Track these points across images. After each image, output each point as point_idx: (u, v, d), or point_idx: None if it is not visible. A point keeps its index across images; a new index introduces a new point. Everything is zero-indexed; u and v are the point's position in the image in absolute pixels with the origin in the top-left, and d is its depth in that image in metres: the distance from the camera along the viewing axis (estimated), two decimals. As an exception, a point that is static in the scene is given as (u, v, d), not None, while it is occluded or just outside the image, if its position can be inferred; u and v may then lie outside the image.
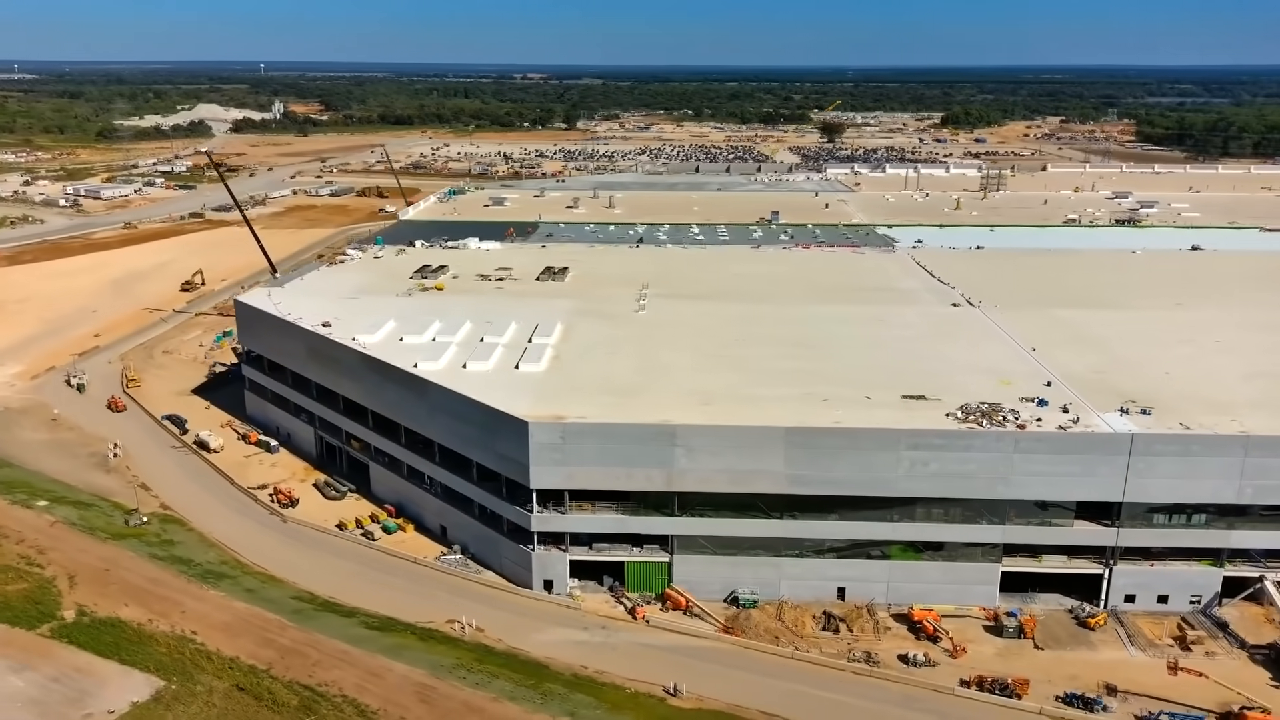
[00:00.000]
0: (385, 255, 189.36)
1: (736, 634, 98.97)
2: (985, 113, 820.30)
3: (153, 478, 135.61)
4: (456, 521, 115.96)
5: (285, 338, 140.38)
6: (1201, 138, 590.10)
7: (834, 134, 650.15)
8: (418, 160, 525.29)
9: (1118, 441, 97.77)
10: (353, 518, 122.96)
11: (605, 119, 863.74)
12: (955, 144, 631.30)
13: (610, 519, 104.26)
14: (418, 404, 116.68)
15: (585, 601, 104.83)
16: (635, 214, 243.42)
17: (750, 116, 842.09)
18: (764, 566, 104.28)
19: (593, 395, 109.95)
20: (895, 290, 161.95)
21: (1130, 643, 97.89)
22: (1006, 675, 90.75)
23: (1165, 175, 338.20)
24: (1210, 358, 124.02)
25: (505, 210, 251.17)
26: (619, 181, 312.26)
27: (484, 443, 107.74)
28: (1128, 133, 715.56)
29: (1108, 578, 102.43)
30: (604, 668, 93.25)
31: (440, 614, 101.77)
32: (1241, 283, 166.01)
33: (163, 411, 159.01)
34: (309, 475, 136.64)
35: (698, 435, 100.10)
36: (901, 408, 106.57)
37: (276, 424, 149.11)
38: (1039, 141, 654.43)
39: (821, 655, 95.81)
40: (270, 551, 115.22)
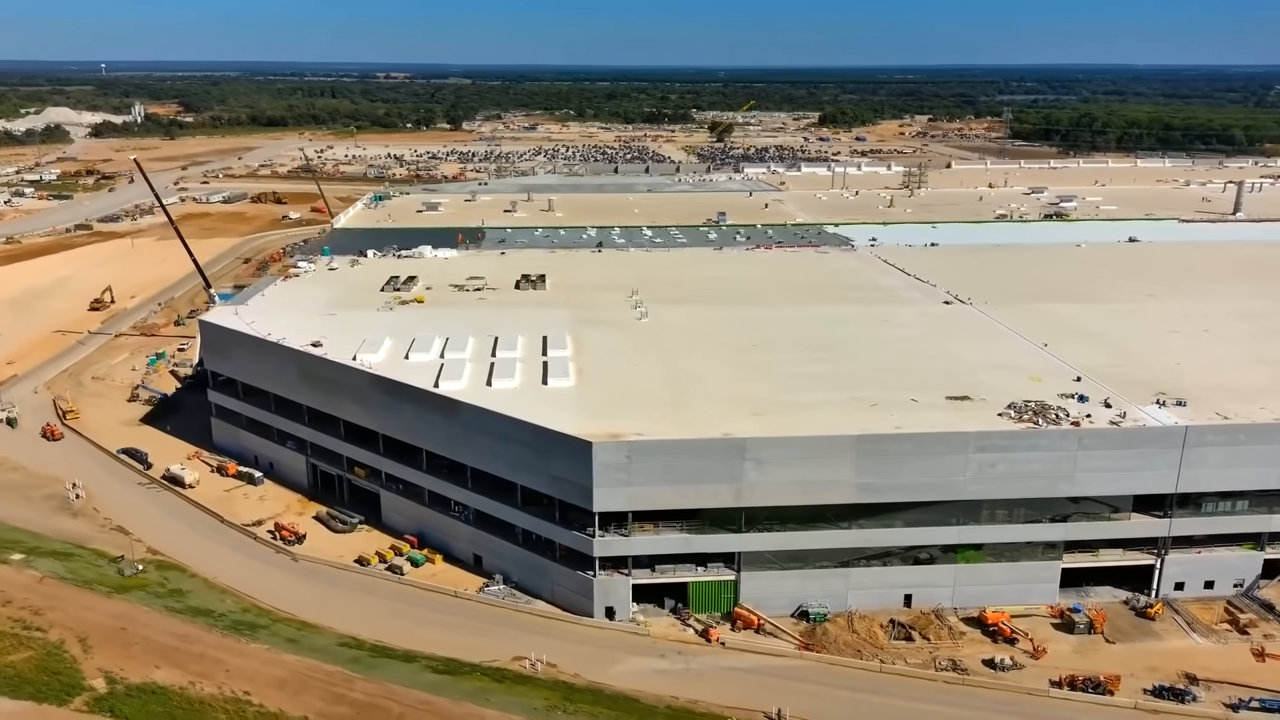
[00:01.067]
0: (340, 266, 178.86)
1: (817, 650, 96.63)
2: (859, 112, 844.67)
3: (129, 520, 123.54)
4: (494, 550, 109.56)
5: (268, 359, 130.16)
6: (1070, 133, 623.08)
7: (723, 134, 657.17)
8: (304, 164, 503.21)
9: (1172, 434, 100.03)
10: (372, 551, 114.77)
11: (487, 119, 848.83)
12: (838, 142, 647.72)
13: (676, 539, 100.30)
14: (446, 427, 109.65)
15: (651, 626, 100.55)
16: (577, 217, 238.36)
17: (634, 116, 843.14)
18: (832, 578, 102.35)
19: (636, 410, 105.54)
20: (880, 289, 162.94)
21: (1192, 630, 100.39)
22: (1097, 673, 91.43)
23: (1063, 170, 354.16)
24: (1208, 347, 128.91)
25: (441, 216, 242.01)
26: (544, 183, 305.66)
27: (533, 465, 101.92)
28: (994, 129, 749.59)
29: (1159, 567, 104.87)
30: (696, 696, 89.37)
31: (501, 651, 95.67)
32: (1195, 272, 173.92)
33: (113, 444, 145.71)
34: (305, 508, 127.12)
35: (768, 447, 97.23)
36: (951, 409, 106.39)
37: (255, 453, 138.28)
38: (915, 139, 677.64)
39: (908, 666, 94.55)
40: (291, 594, 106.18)
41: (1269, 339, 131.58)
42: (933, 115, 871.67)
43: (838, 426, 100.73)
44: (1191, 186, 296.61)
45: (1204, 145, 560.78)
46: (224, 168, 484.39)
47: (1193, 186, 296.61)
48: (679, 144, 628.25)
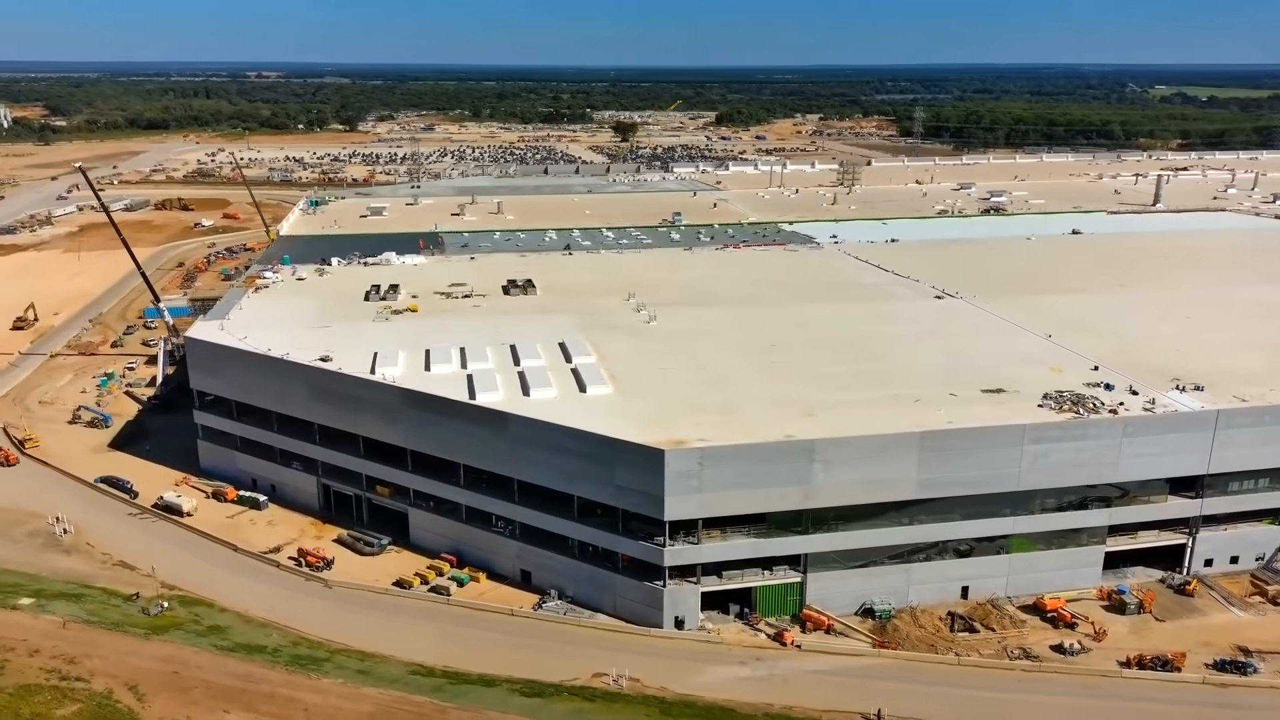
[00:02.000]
0: (308, 276, 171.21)
1: (892, 647, 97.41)
2: (754, 111, 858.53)
3: (130, 554, 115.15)
4: (546, 564, 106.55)
5: (272, 377, 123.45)
6: (961, 130, 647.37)
7: (628, 133, 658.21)
8: (199, 168, 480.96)
9: (1205, 418, 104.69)
10: (406, 573, 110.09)
11: (380, 119, 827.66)
12: (740, 141, 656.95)
13: (745, 544, 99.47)
14: (491, 440, 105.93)
15: (723, 634, 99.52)
16: (529, 219, 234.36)
17: (531, 116, 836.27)
18: (894, 574, 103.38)
19: (685, 415, 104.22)
20: (866, 286, 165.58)
21: (1230, 604, 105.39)
22: (1164, 651, 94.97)
23: (976, 166, 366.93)
24: (1198, 333, 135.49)
25: (387, 220, 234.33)
26: (478, 185, 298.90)
27: (594, 476, 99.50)
28: (883, 127, 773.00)
29: (1191, 546, 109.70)
30: (790, 702, 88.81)
31: (578, 669, 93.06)
32: (1149, 262, 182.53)
33: (87, 473, 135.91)
34: (322, 531, 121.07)
35: (835, 448, 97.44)
36: (991, 402, 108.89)
37: (253, 476, 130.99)
38: (812, 138, 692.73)
39: (982, 657, 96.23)
40: (336, 623, 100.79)
41: (1247, 323, 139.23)
42: (823, 114, 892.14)
43: (892, 424, 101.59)
44: (1104, 180, 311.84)
45: (1085, 140, 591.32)
46: (115, 173, 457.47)
47: (1105, 180, 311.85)
48: (584, 144, 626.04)
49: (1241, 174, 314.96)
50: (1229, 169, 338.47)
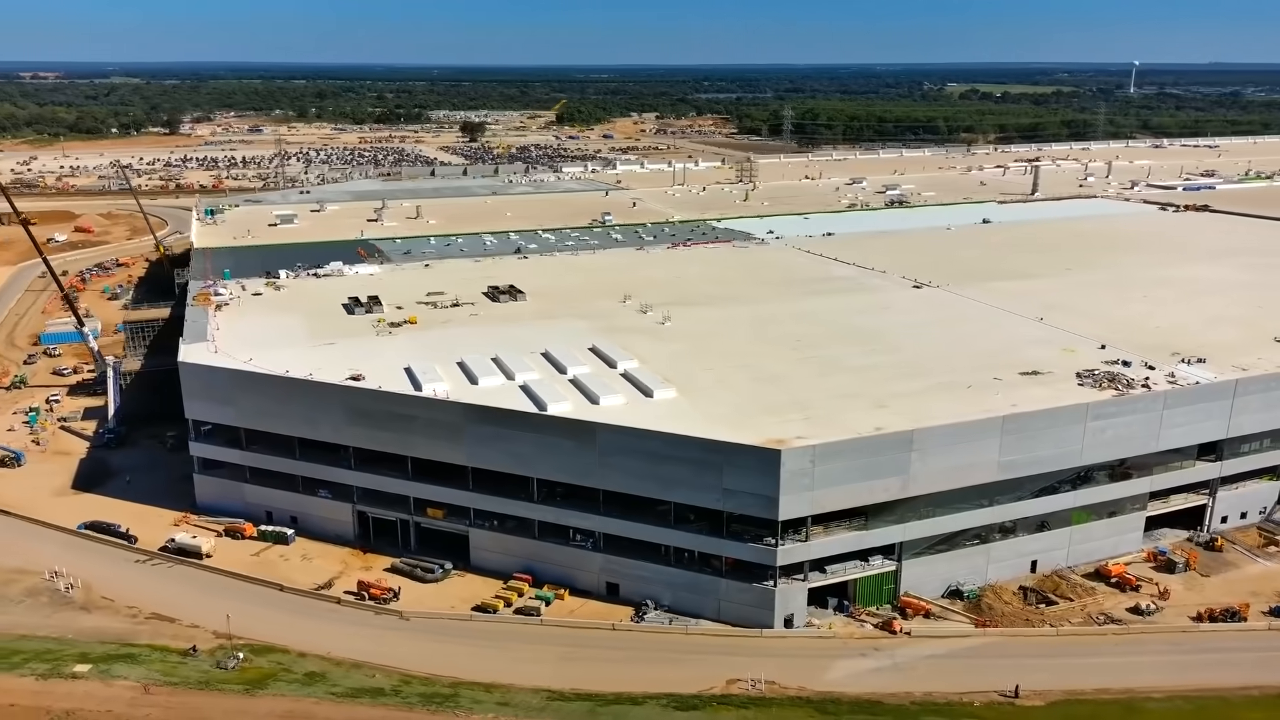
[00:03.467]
0: (265, 291, 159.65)
1: (993, 624, 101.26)
2: (593, 110, 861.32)
3: (160, 604, 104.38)
4: (637, 574, 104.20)
5: (298, 400, 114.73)
6: (799, 128, 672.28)
7: (475, 133, 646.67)
8: (16, 177, 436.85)
9: (1225, 388, 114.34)
10: (482, 597, 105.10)
11: (197, 121, 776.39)
12: (588, 140, 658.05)
13: (848, 538, 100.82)
14: (576, 452, 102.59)
15: (833, 627, 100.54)
16: (454, 224, 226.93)
17: (364, 116, 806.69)
18: (976, 555, 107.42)
19: (761, 414, 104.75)
20: (840, 279, 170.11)
21: (1256, 555, 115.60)
22: (1230, 603, 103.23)
23: (848, 161, 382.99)
24: (1167, 311, 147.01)
25: (301, 229, 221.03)
26: (371, 189, 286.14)
27: (696, 481, 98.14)
28: (719, 126, 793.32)
29: (1211, 505, 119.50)
30: (924, 689, 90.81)
31: (708, 678, 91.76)
32: (1076, 247, 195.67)
33: (56, 519, 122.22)
34: (369, 561, 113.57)
35: (930, 437, 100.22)
36: (1035, 384, 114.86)
37: (267, 508, 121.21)
38: (656, 136, 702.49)
39: (1074, 626, 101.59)
40: (436, 656, 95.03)
41: (1202, 300, 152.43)
42: (659, 113, 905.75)
43: (962, 411, 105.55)
44: (972, 172, 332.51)
45: (914, 136, 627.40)
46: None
47: (973, 172, 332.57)
48: (430, 144, 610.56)
49: (1093, 164, 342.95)
50: (1073, 158, 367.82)
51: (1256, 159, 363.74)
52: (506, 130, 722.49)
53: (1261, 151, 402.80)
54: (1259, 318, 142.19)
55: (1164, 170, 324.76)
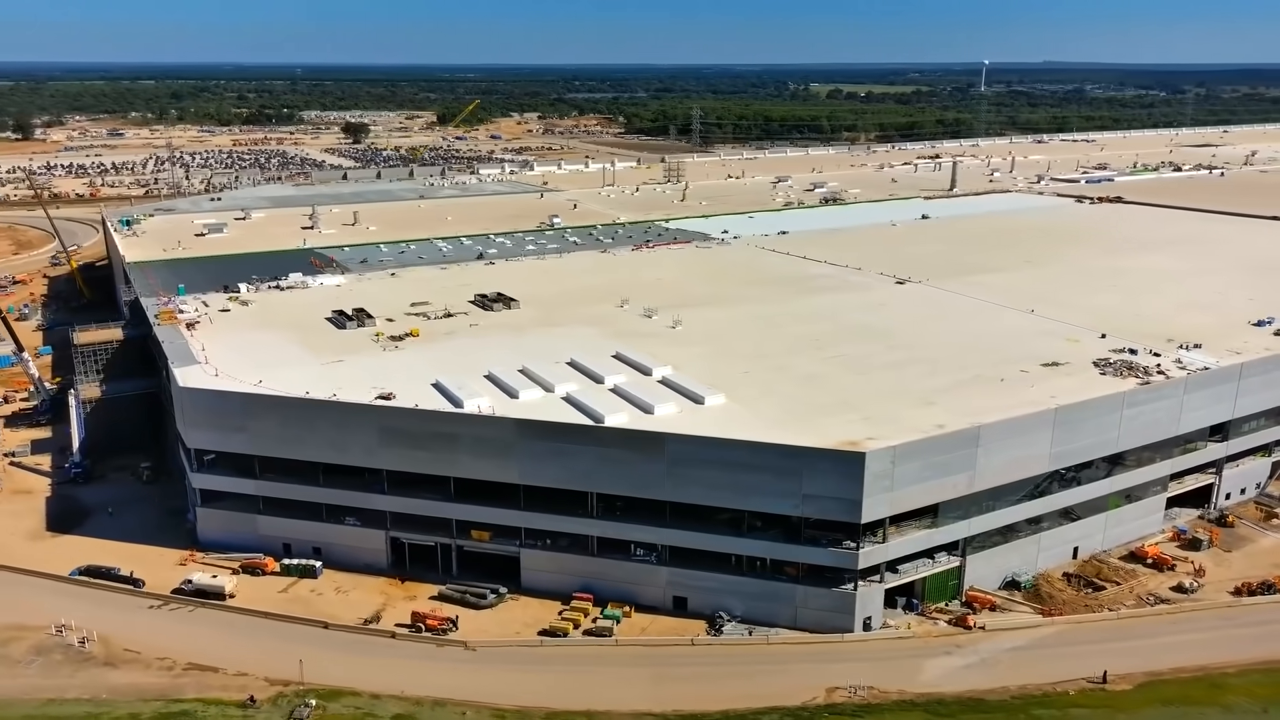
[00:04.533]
0: (232, 308, 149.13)
1: (1056, 613, 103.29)
2: (474, 110, 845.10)
3: (198, 653, 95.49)
4: (707, 586, 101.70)
5: (325, 423, 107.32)
6: (687, 128, 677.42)
7: (359, 134, 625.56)
8: None
9: (1232, 371, 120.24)
10: (544, 620, 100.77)
11: (49, 124, 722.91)
12: (477, 141, 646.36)
13: (920, 536, 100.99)
14: (643, 464, 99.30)
15: (911, 627, 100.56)
16: (395, 230, 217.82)
17: (231, 118, 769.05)
18: (1028, 545, 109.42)
19: (818, 416, 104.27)
20: (821, 277, 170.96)
21: (1265, 529, 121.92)
22: (1265, 576, 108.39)
23: (762, 160, 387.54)
24: (1137, 300, 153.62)
25: (234, 238, 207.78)
26: (286, 195, 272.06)
27: (773, 488, 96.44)
28: (604, 125, 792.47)
29: (1218, 484, 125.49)
30: (1022, 682, 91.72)
31: (802, 687, 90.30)
32: (1023, 241, 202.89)
33: (35, 566, 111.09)
34: (411, 589, 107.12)
35: (995, 432, 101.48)
36: (1059, 374, 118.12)
37: (285, 540, 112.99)
38: (544, 137, 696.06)
39: (1129, 609, 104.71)
40: (516, 687, 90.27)
41: (1165, 288, 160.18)
42: (540, 113, 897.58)
43: (1009, 405, 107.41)
44: (884, 169, 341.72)
45: (799, 134, 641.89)
46: None
47: (885, 169, 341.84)
48: (313, 146, 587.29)
49: (995, 160, 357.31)
50: (970, 155, 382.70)
51: (1129, 153, 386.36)
52: (389, 131, 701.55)
53: (1132, 145, 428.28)
54: (1223, 304, 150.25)
55: (1060, 164, 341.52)
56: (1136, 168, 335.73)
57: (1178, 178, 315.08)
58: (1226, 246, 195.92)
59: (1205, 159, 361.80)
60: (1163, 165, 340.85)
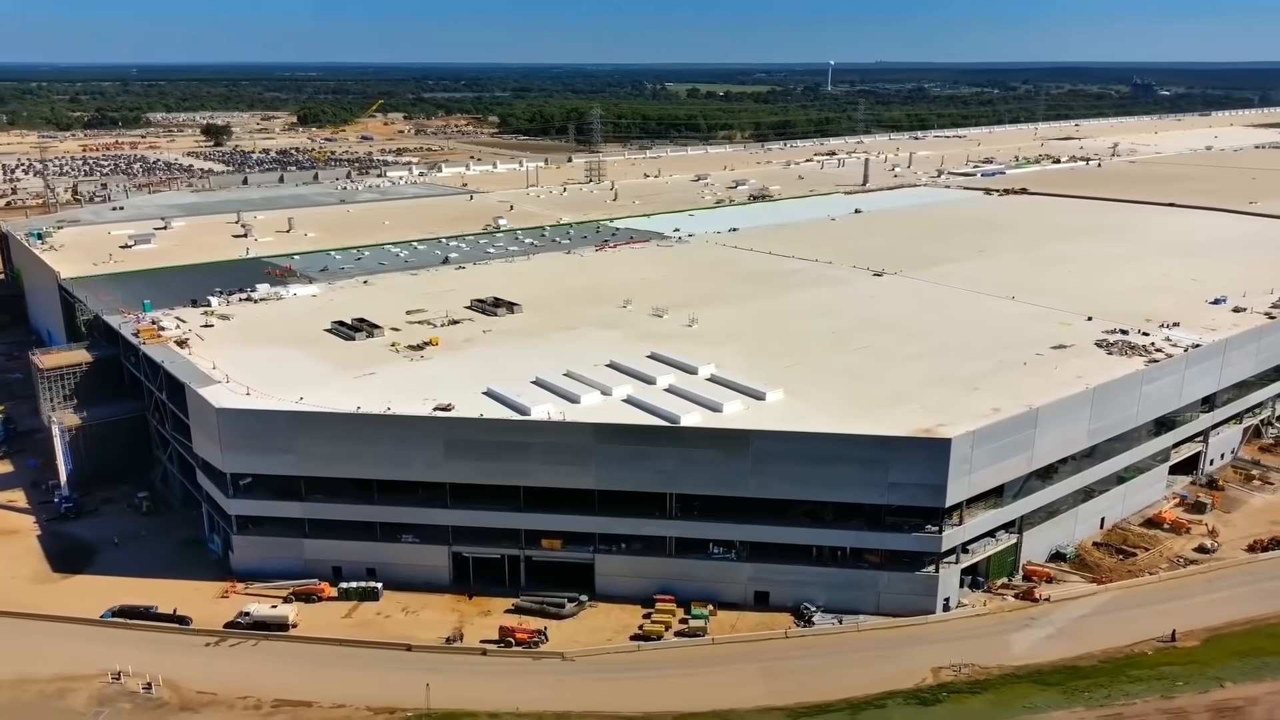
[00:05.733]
0: (216, 323, 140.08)
1: (1106, 580, 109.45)
2: (336, 111, 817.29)
3: (282, 689, 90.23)
4: (790, 579, 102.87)
5: (384, 439, 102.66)
6: (565, 128, 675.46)
7: (220, 136, 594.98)
8: None
9: (1219, 346, 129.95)
10: (634, 625, 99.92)
11: None
12: (346, 142, 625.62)
13: (988, 516, 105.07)
14: (726, 463, 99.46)
15: (985, 605, 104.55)
16: (335, 237, 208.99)
17: (70, 122, 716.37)
18: (1068, 520, 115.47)
19: (877, 407, 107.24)
20: (800, 272, 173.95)
21: (1252, 490, 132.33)
22: (1274, 534, 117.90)
23: (667, 159, 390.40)
24: (1099, 283, 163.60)
25: (162, 250, 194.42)
26: (190, 203, 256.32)
27: (860, 479, 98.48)
28: (477, 125, 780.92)
29: (1205, 451, 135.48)
30: (1102, 646, 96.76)
31: (912, 671, 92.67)
32: (965, 232, 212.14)
33: (40, 608, 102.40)
34: (480, 605, 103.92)
35: (1049, 413, 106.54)
36: (1070, 355, 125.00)
37: (335, 563, 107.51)
38: (418, 138, 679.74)
39: (1166, 572, 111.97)
40: (632, 693, 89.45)
41: (1116, 271, 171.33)
42: (406, 114, 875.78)
43: (1043, 388, 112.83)
44: (790, 166, 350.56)
45: (678, 133, 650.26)
46: None
47: (791, 166, 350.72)
48: (173, 150, 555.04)
49: (893, 155, 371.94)
50: (861, 152, 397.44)
51: (1000, 147, 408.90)
52: (250, 134, 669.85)
53: (1000, 140, 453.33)
54: (1178, 284, 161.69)
55: (951, 159, 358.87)
56: (1019, 161, 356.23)
57: (1059, 169, 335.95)
58: (1143, 232, 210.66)
59: (1074, 151, 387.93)
60: (1042, 158, 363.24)
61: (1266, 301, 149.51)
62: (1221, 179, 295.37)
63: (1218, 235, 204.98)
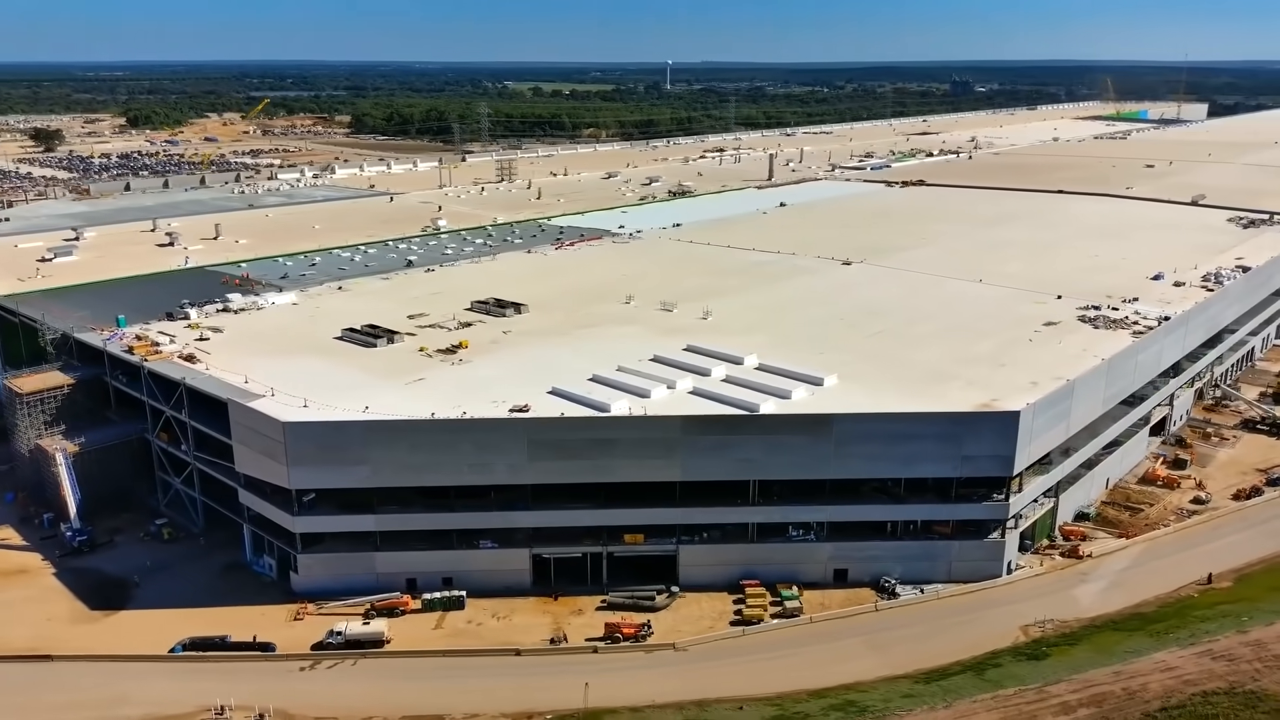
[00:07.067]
0: (210, 335, 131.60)
1: (1131, 534, 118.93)
2: (170, 111, 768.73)
3: (404, 706, 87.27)
4: (868, 555, 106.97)
5: (464, 445, 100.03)
6: (422, 127, 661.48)
7: (51, 140, 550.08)
8: None
9: (1184, 319, 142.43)
10: (728, 611, 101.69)
11: None
12: (188, 145, 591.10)
13: (1039, 482, 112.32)
14: (809, 447, 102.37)
15: (1039, 565, 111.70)
16: (271, 244, 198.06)
17: None
18: (1086, 482, 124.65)
19: (932, 384, 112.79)
20: (770, 264, 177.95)
21: (1213, 446, 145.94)
22: (1252, 483, 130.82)
23: (558, 157, 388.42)
24: (1046, 266, 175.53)
25: (87, 263, 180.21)
26: (79, 212, 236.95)
27: (936, 454, 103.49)
28: (330, 125, 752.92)
29: (1171, 413, 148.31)
30: (1153, 594, 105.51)
31: (1002, 631, 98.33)
32: (892, 222, 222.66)
33: (72, 649, 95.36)
34: (566, 605, 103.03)
35: (1081, 384, 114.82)
36: (1064, 331, 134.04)
37: (408, 575, 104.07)
38: (267, 139, 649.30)
39: (1177, 523, 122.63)
40: (761, 675, 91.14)
41: (1053, 254, 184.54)
42: (243, 113, 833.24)
43: (1051, 362, 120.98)
44: (690, 162, 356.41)
45: (544, 132, 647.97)
46: None
47: (690, 162, 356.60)
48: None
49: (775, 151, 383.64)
50: (746, 148, 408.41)
51: (866, 142, 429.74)
52: (80, 138, 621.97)
53: (863, 136, 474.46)
54: (1113, 264, 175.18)
55: (836, 154, 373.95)
56: (896, 155, 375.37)
57: (937, 162, 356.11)
58: (1053, 218, 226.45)
59: (938, 145, 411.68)
60: (915, 152, 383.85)
61: (1196, 276, 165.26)
62: (1084, 168, 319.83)
63: (1119, 219, 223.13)
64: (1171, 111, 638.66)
